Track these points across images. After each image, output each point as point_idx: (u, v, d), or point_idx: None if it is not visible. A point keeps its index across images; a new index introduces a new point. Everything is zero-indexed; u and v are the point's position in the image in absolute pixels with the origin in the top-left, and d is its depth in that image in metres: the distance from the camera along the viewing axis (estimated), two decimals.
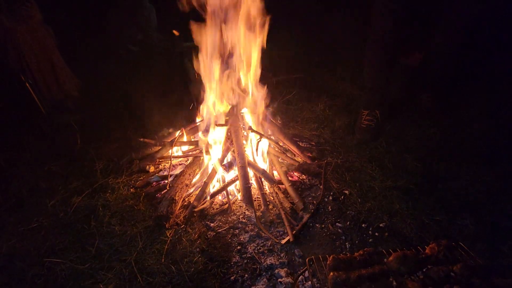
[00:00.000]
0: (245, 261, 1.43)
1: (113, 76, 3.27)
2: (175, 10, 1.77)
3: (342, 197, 1.80)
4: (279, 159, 2.02)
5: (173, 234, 1.52)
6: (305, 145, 2.28)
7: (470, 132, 2.26)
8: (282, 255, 1.46)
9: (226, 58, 1.91)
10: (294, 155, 2.10)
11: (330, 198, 1.79)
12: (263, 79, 3.42)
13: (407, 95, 2.71)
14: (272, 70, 3.37)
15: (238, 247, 1.49)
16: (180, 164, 2.08)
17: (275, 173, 1.97)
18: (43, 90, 3.08)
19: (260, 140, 1.89)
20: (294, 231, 1.55)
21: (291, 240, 1.49)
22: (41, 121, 2.76)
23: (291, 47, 3.61)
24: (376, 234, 1.55)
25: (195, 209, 1.62)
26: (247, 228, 1.60)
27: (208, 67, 1.91)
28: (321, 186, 1.87)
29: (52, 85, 3.10)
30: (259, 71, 1.98)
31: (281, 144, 2.12)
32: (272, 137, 2.06)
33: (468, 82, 2.69)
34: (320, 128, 2.54)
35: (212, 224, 1.60)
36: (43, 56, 3.03)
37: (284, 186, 1.85)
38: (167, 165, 2.09)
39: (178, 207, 1.65)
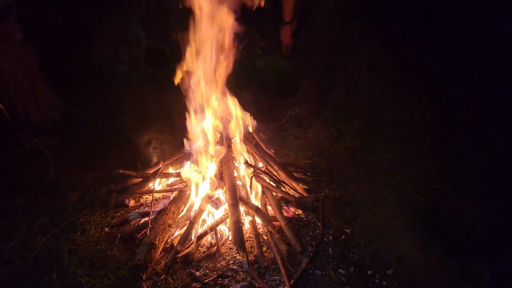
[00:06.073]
0: None
1: (99, 97, 3.10)
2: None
3: (344, 236, 1.63)
4: (273, 193, 1.85)
5: (151, 287, 1.29)
6: (300, 176, 2.13)
7: (470, 164, 2.17)
8: None
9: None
10: (287, 187, 1.94)
11: (330, 237, 1.62)
12: (255, 102, 3.29)
13: None
14: (264, 94, 3.28)
15: None
16: (164, 198, 1.87)
17: (269, 207, 1.80)
18: (20, 112, 2.86)
19: (254, 175, 1.73)
20: (292, 281, 1.36)
21: None
22: (13, 146, 2.53)
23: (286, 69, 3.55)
24: (384, 283, 1.37)
25: (178, 255, 1.41)
26: (238, 276, 1.39)
27: (196, 93, 1.78)
28: (319, 223, 1.70)
29: (30, 108, 2.89)
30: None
31: (274, 174, 1.96)
32: (266, 169, 1.90)
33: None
34: (315, 156, 2.41)
35: (197, 273, 1.39)
36: (23, 77, 2.84)
37: (278, 223, 1.68)
38: (150, 198, 1.89)
39: (159, 252, 1.43)
